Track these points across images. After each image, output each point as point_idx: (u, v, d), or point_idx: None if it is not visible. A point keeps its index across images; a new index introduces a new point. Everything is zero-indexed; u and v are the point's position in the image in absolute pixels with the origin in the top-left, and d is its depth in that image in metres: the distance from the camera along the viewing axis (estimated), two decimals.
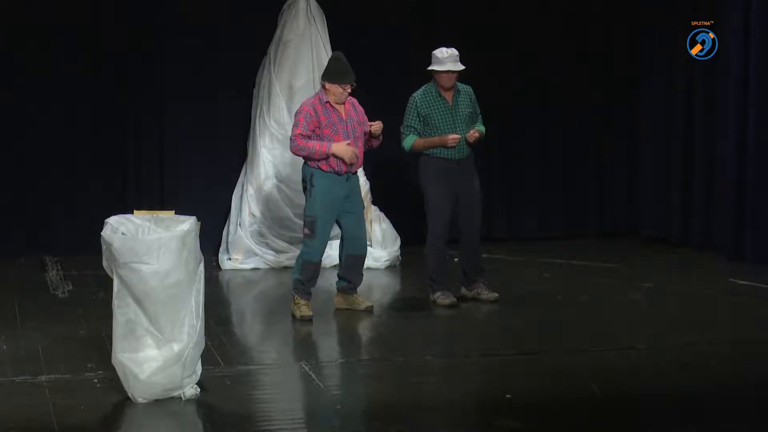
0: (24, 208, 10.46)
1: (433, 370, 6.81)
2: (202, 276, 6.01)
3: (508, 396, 6.07)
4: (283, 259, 10.12)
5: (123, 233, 5.89)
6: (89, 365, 6.56)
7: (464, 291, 8.59)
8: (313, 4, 10.38)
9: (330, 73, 8.04)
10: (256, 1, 10.67)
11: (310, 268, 8.06)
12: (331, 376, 6.66)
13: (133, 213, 6.08)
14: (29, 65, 10.37)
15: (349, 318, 8.14)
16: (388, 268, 10.17)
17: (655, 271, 9.83)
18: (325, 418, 5.86)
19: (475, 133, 8.34)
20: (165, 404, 5.88)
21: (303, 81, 10.22)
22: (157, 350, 5.86)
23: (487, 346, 7.31)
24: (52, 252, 10.28)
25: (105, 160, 10.66)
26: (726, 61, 10.32)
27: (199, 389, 6.00)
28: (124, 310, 5.85)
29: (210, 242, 9.79)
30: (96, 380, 6.29)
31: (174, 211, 6.20)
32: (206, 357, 6.27)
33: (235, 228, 10.26)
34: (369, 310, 8.25)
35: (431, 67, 8.31)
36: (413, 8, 11.16)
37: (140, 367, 5.82)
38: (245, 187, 10.30)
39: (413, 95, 8.40)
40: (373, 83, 8.78)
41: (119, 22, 10.56)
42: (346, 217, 8.12)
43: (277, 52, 10.33)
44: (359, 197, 8.26)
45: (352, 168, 8.04)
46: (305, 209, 8.11)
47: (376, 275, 9.77)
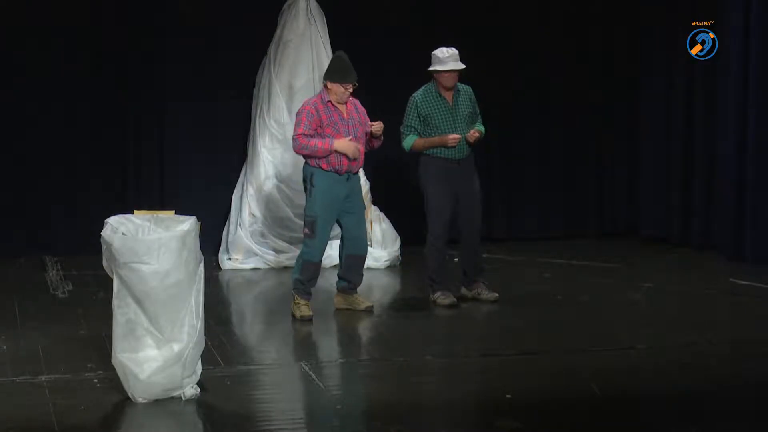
0: (24, 208, 10.46)
1: (433, 370, 6.80)
2: (202, 276, 6.01)
3: (508, 396, 6.07)
4: (283, 259, 10.12)
5: (123, 233, 5.89)
6: (89, 365, 6.55)
7: (464, 291, 8.58)
8: (313, 4, 10.38)
9: (332, 72, 8.04)
10: (256, 1, 10.67)
11: (310, 268, 8.06)
12: (331, 376, 6.65)
13: (133, 213, 6.08)
14: (29, 65, 10.37)
15: (349, 318, 8.14)
16: (388, 268, 10.18)
17: (655, 271, 9.82)
18: (325, 418, 5.85)
19: (475, 133, 8.34)
20: (165, 404, 5.87)
21: (303, 81, 10.22)
22: (157, 350, 5.86)
23: (487, 346, 7.31)
24: (52, 252, 10.28)
25: (105, 160, 10.66)
26: (726, 61, 10.32)
27: (199, 389, 6.00)
28: (124, 310, 5.85)
29: (210, 242, 9.78)
30: (96, 380, 6.29)
31: (174, 211, 6.20)
32: (206, 357, 6.27)
33: (235, 228, 10.26)
34: (369, 310, 8.25)
35: (433, 68, 8.29)
36: (413, 8, 11.16)
37: (140, 367, 5.82)
38: (245, 187, 10.30)
39: (413, 95, 8.40)
40: (373, 83, 8.78)
41: (119, 22, 10.56)
42: (346, 217, 8.12)
43: (277, 52, 10.33)
44: (360, 197, 8.26)
45: (353, 168, 8.04)
46: (305, 209, 8.11)
47: (376, 275, 9.77)
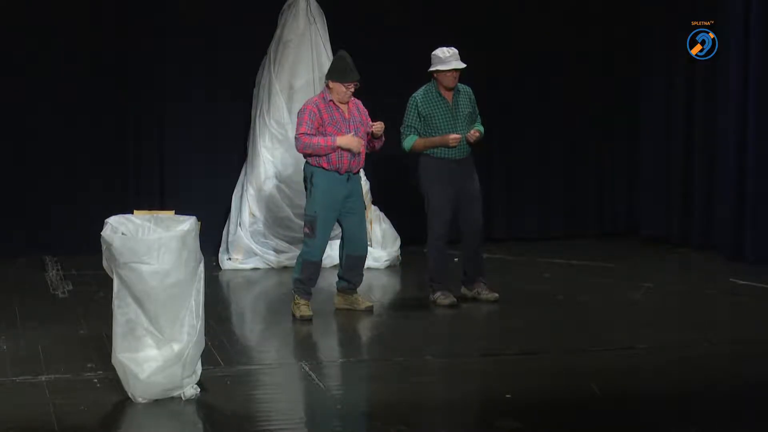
0: (24, 208, 10.46)
1: (433, 370, 6.80)
2: (202, 276, 6.00)
3: (508, 396, 6.06)
4: (283, 259, 10.12)
5: (123, 233, 5.89)
6: (89, 365, 6.55)
7: (464, 291, 8.58)
8: (313, 4, 10.38)
9: (334, 71, 8.04)
10: (256, 1, 10.67)
11: (310, 267, 8.06)
12: (331, 376, 6.65)
13: (133, 213, 6.08)
14: (29, 65, 10.37)
15: (349, 318, 8.14)
16: (388, 268, 10.18)
17: (655, 271, 9.82)
18: (325, 418, 5.85)
19: (475, 132, 8.34)
20: (165, 404, 5.87)
21: (303, 81, 10.22)
22: (157, 350, 5.86)
23: (487, 346, 7.30)
24: (52, 252, 10.28)
25: (105, 160, 10.66)
26: (726, 61, 10.32)
27: (199, 389, 5.99)
28: (124, 310, 5.84)
29: (210, 242, 9.78)
30: (96, 380, 6.29)
31: (174, 211, 6.20)
32: (206, 357, 6.27)
33: (235, 228, 10.26)
34: (369, 310, 8.25)
35: (435, 68, 8.28)
36: (413, 8, 11.16)
37: (140, 367, 5.82)
38: (245, 187, 10.30)
39: (414, 95, 8.39)
40: (373, 83, 8.78)
41: (119, 22, 10.56)
42: (347, 217, 8.12)
43: (277, 52, 10.33)
44: (361, 198, 8.25)
45: (353, 168, 8.03)
46: (305, 208, 8.11)
47: (376, 275, 9.77)
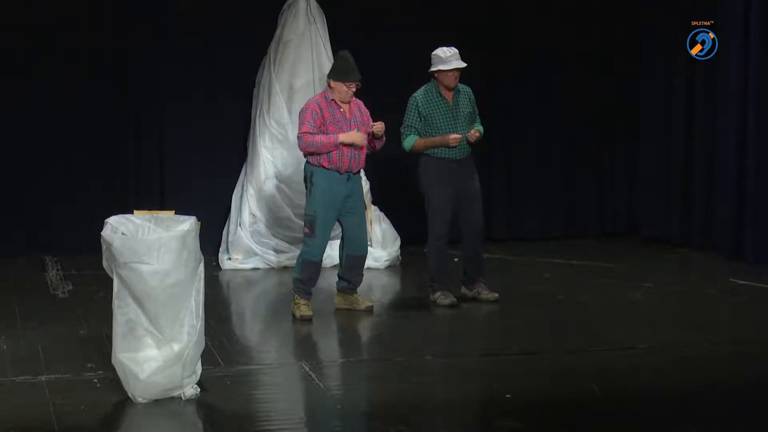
0: (24, 208, 10.46)
1: (433, 370, 6.80)
2: (202, 276, 6.00)
3: (508, 396, 6.06)
4: (283, 259, 10.12)
5: (123, 233, 5.89)
6: (89, 365, 6.55)
7: (464, 291, 8.58)
8: (313, 4, 10.38)
9: (336, 70, 8.04)
10: (256, 1, 10.67)
11: (310, 267, 8.05)
12: (331, 376, 6.65)
13: (133, 213, 6.08)
14: (29, 65, 10.37)
15: (349, 318, 8.14)
16: (388, 268, 10.18)
17: (655, 271, 9.83)
18: (325, 418, 5.85)
19: (476, 132, 8.34)
20: (165, 404, 5.87)
21: (303, 81, 10.22)
22: (157, 350, 5.85)
23: (487, 346, 7.30)
24: (52, 252, 10.28)
25: (105, 160, 10.66)
26: (726, 61, 10.32)
27: (199, 389, 5.99)
28: (124, 310, 5.84)
29: (210, 242, 9.78)
30: (96, 380, 6.29)
31: (174, 211, 6.20)
32: (206, 357, 6.27)
33: (235, 228, 10.26)
34: (369, 310, 8.25)
35: (436, 68, 8.27)
36: (413, 8, 11.16)
37: (140, 367, 5.82)
38: (245, 187, 10.30)
39: (414, 95, 8.39)
40: (373, 83, 8.77)
41: (119, 22, 10.56)
42: (347, 217, 8.12)
43: (277, 52, 10.33)
44: (361, 198, 8.25)
45: (353, 167, 8.03)
46: (305, 208, 8.11)
47: (376, 275, 9.77)
